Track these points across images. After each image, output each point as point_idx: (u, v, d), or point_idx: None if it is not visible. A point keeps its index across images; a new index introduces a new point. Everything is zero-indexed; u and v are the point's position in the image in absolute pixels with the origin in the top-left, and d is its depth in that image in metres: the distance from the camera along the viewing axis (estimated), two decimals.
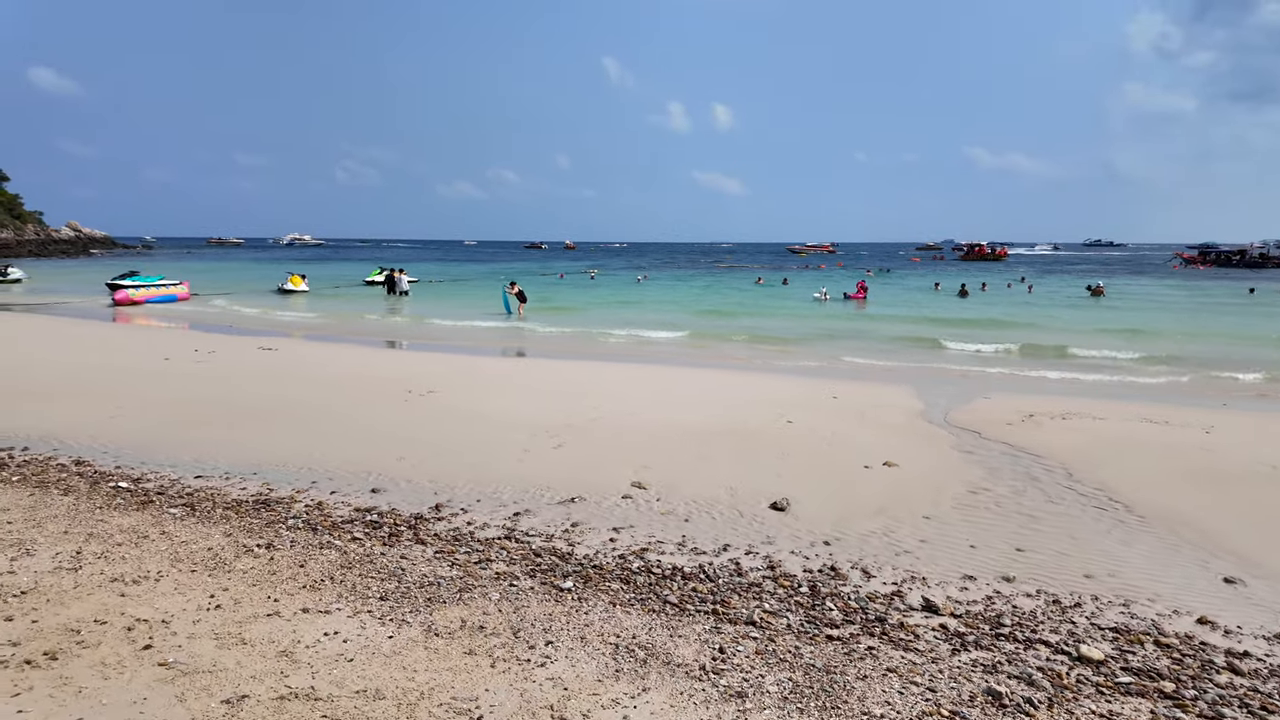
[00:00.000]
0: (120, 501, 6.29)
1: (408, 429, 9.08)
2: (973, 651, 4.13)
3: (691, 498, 6.80)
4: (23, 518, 5.70)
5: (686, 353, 18.00)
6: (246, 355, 15.11)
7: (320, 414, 9.81)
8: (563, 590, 4.71)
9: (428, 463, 7.77)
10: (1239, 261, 72.84)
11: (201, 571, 4.78)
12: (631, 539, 5.83)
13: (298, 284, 35.22)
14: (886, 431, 9.40)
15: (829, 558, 5.55)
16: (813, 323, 24.72)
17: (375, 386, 11.66)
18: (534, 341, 19.74)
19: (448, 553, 5.36)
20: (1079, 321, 24.98)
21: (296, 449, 8.18)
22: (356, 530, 5.81)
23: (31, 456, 7.77)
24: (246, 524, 5.81)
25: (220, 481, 7.12)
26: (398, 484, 7.14)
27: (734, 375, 14.09)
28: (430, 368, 13.95)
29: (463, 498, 6.77)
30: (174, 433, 8.81)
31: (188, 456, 7.94)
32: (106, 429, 8.96)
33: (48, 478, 6.96)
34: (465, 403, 10.54)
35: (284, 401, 10.50)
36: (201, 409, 9.99)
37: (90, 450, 8.11)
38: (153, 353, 15.15)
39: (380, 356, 16.28)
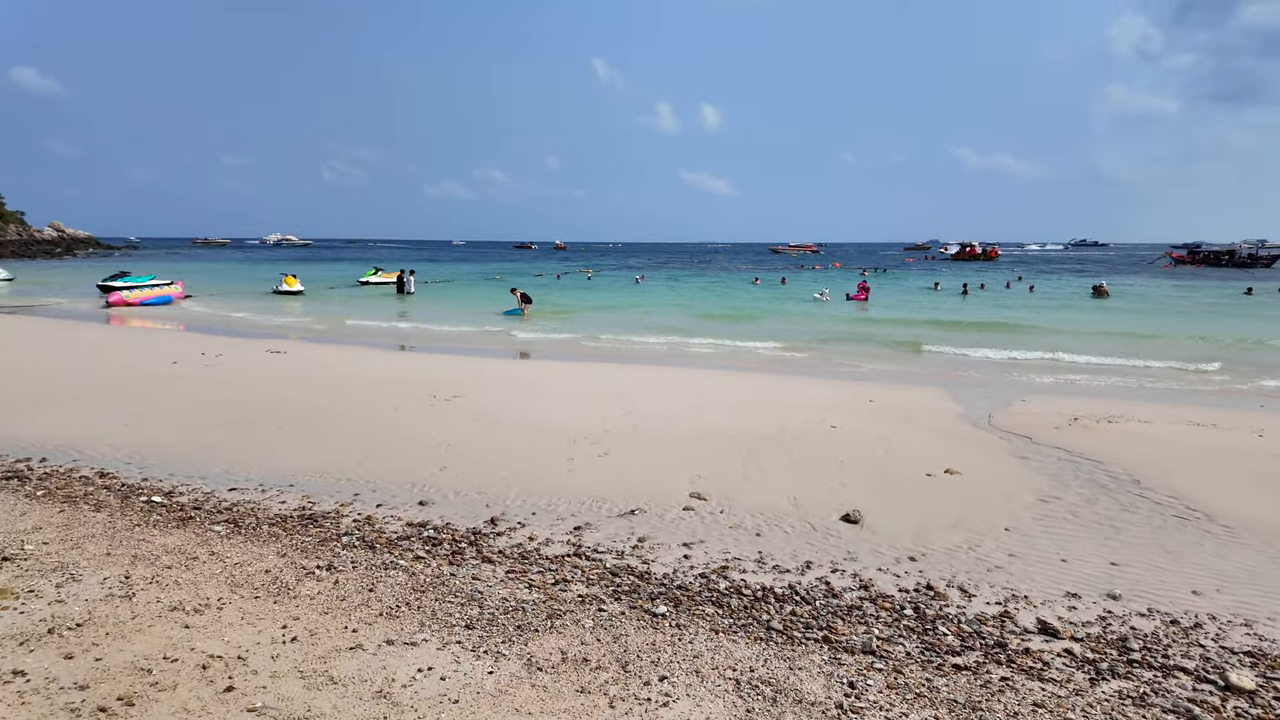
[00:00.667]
0: (158, 518, 5.91)
1: (441, 436, 8.72)
2: (1111, 681, 3.85)
3: (756, 510, 6.50)
4: (58, 537, 5.32)
5: (705, 355, 17.67)
6: (255, 358, 14.67)
7: (346, 420, 9.43)
8: (657, 616, 4.39)
9: (472, 473, 7.43)
10: (1228, 261, 73.33)
11: (265, 598, 4.43)
12: (706, 556, 5.52)
13: (293, 285, 34.66)
14: (936, 437, 9.14)
15: (920, 575, 5.26)
16: (823, 324, 24.47)
17: (396, 391, 11.28)
18: (549, 344, 19.36)
19: (520, 573, 5.02)
20: (1092, 323, 24.80)
21: (330, 458, 7.82)
22: (416, 547, 5.47)
23: (52, 468, 7.36)
24: (298, 542, 5.45)
25: (257, 494, 6.75)
26: (445, 496, 6.79)
27: (761, 378, 13.78)
28: (450, 371, 13.58)
29: (517, 510, 6.44)
30: (197, 441, 8.42)
31: (217, 467, 7.55)
32: (126, 438, 8.56)
33: (74, 491, 6.57)
34: (494, 408, 10.18)
35: (305, 407, 10.11)
36: (221, 415, 9.59)
37: (112, 461, 7.71)
38: (157, 356, 14.68)
39: (394, 359, 15.88)
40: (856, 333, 22.21)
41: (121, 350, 15.81)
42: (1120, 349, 18.58)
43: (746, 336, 20.64)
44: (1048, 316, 27.46)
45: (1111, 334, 21.87)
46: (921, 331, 22.26)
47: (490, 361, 15.55)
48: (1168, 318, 27.43)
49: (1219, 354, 17.94)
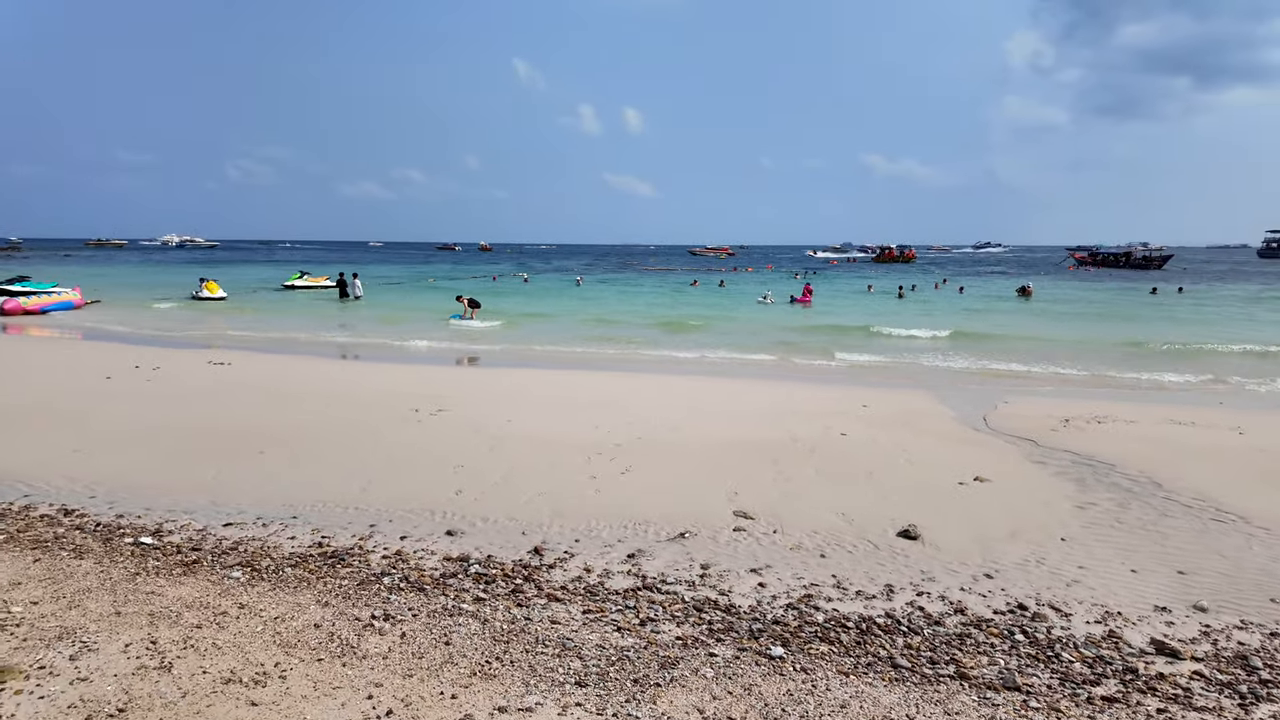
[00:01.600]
0: (156, 564, 5.17)
1: (443, 455, 8.12)
2: (1261, 705, 3.71)
3: (809, 528, 6.22)
4: (47, 595, 4.55)
5: (679, 361, 17.31)
6: (198, 370, 13.53)
7: (331, 440, 8.69)
8: (774, 659, 4.03)
9: (493, 496, 6.89)
10: (1125, 263, 78.13)
11: (329, 660, 3.85)
12: (781, 583, 5.19)
13: (215, 291, 32.54)
14: (944, 442, 9.10)
15: (1005, 594, 5.07)
16: (779, 328, 24.47)
17: (372, 405, 10.53)
18: (512, 352, 18.65)
19: (597, 612, 4.58)
20: (1034, 325, 25.67)
21: (329, 484, 7.14)
22: (469, 586, 4.94)
23: (5, 506, 6.43)
24: (334, 587, 4.84)
25: (259, 529, 6.05)
26: (473, 523, 6.25)
27: (746, 384, 13.57)
28: (419, 382, 12.83)
29: (557, 537, 5.97)
30: (169, 468, 7.58)
31: (201, 498, 6.77)
32: (81, 465, 7.62)
33: (40, 534, 5.73)
34: (487, 422, 9.60)
35: (279, 426, 9.29)
36: (186, 437, 8.70)
37: (72, 495, 6.83)
38: (85, 370, 13.36)
39: (354, 370, 14.93)
40: (816, 336, 22.33)
41: (41, 364, 14.33)
42: (1070, 348, 19.28)
43: (711, 342, 20.47)
44: (991, 318, 28.31)
45: (1060, 341, 22.55)
46: (884, 335, 22.58)
47: (460, 371, 14.84)
48: (1094, 317, 28.77)
49: (1159, 359, 18.83)
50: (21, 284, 32.45)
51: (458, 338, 21.28)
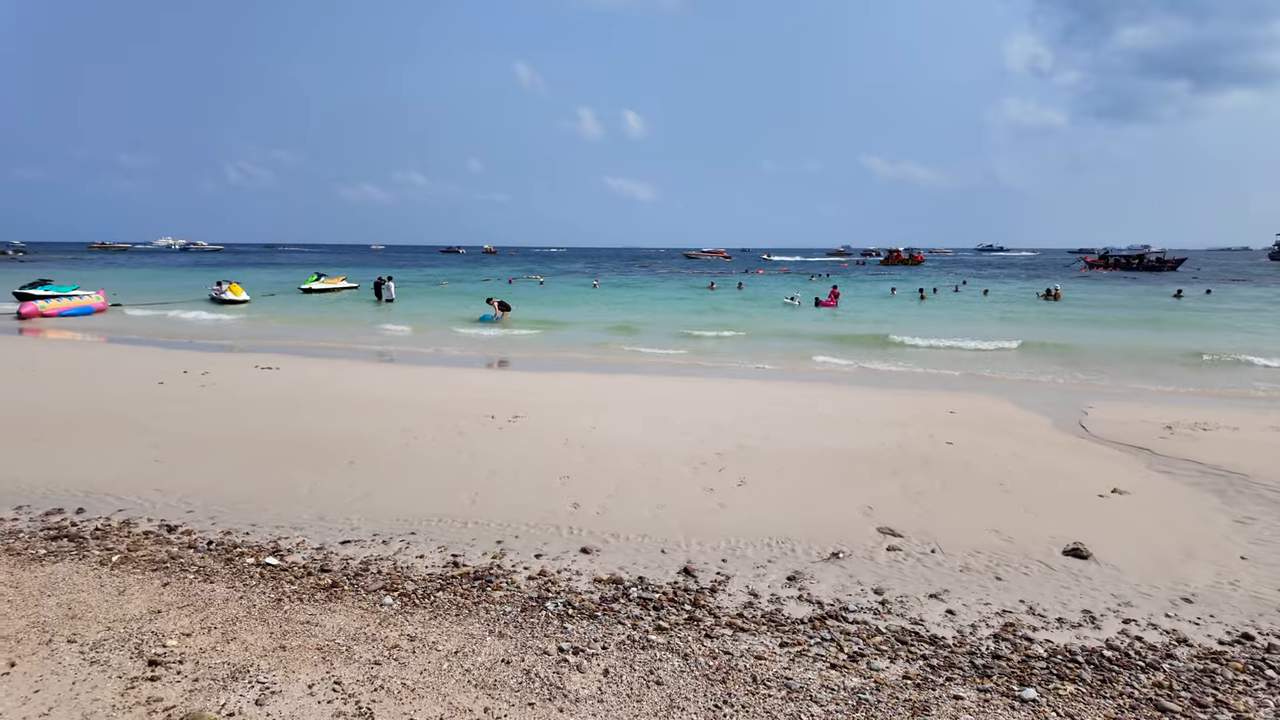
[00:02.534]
0: (293, 588, 4.78)
1: (541, 465, 7.74)
2: None
3: (968, 547, 5.82)
4: (196, 625, 4.15)
5: (734, 365, 16.91)
6: (250, 376, 13.13)
7: (416, 449, 8.33)
8: (1028, 702, 3.63)
9: (613, 510, 6.50)
10: (1138, 265, 77.66)
11: (541, 704, 3.46)
12: (970, 610, 4.79)
13: (238, 293, 32.14)
14: (1057, 450, 8.71)
15: (1217, 622, 4.68)
16: (822, 330, 23.99)
17: (442, 411, 10.14)
18: (565, 356, 18.23)
19: (795, 645, 4.19)
20: (1083, 332, 25.22)
21: (435, 497, 6.76)
22: (639, 614, 4.55)
23: (101, 522, 6.05)
24: (499, 614, 4.45)
25: (380, 547, 5.65)
26: (605, 540, 5.85)
27: (814, 389, 13.15)
28: (484, 388, 12.44)
29: (701, 556, 5.57)
30: (257, 479, 7.20)
31: (305, 512, 6.38)
32: (167, 477, 7.24)
33: (154, 554, 5.33)
34: (570, 429, 9.22)
35: (353, 433, 8.92)
36: (262, 446, 8.33)
37: (168, 509, 6.44)
38: (133, 376, 12.97)
39: (411, 375, 14.49)
40: (863, 341, 21.84)
41: (86, 369, 13.93)
42: (1137, 352, 18.89)
43: (758, 347, 20.04)
44: (1029, 323, 27.94)
45: (1116, 347, 22.15)
46: (940, 346, 22.20)
47: (519, 376, 14.41)
48: (1131, 320, 28.38)
49: (1224, 365, 18.44)
50: (44, 288, 32.12)
51: (503, 343, 20.84)
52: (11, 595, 4.50)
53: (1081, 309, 33.56)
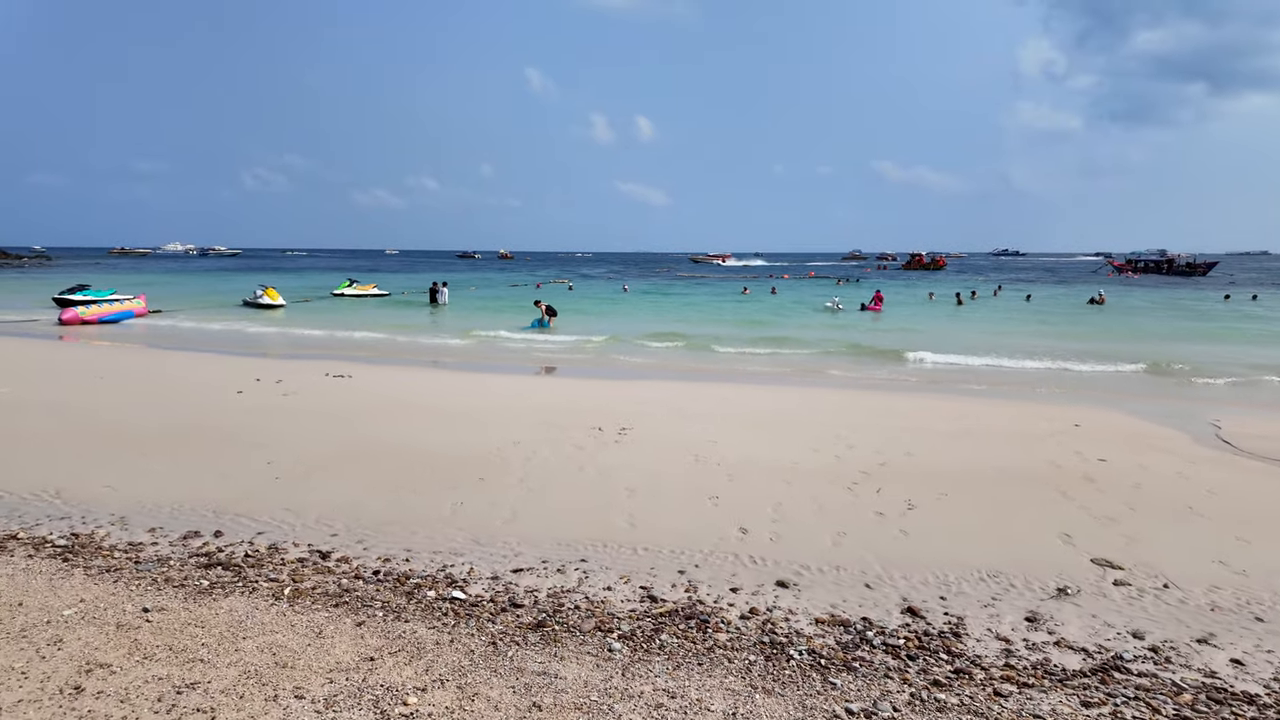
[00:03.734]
0: (498, 628, 4.35)
1: (682, 484, 7.33)
2: None
3: (1205, 582, 5.32)
4: (424, 677, 3.71)
5: (818, 373, 16.39)
6: (327, 385, 12.74)
7: (534, 463, 7.94)
8: None
9: (787, 537, 6.04)
10: (1167, 269, 76.52)
11: None
12: (1256, 659, 4.29)
13: (275, 298, 31.87)
14: (1222, 468, 8.19)
15: None
16: (885, 338, 23.36)
17: (546, 422, 9.71)
18: (634, 364, 17.78)
19: (1103, 706, 3.69)
20: (1143, 334, 24.62)
21: (583, 517, 6.39)
22: (892, 664, 4.08)
23: (249, 547, 5.63)
24: (745, 665, 3.99)
25: (558, 577, 5.21)
26: (798, 573, 5.39)
27: (930, 399, 12.52)
28: (576, 396, 11.98)
29: (915, 593, 5.10)
30: (390, 498, 6.83)
31: (458, 536, 5.99)
32: (294, 496, 6.83)
33: (324, 586, 4.92)
34: (690, 443, 8.79)
35: (469, 448, 8.54)
36: (378, 461, 7.95)
37: (309, 531, 6.03)
38: (209, 384, 12.61)
39: (495, 384, 14.01)
40: (928, 345, 21.21)
41: (159, 377, 13.57)
42: (1209, 355, 18.27)
43: (828, 350, 19.52)
44: (1088, 327, 27.27)
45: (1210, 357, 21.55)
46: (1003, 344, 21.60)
47: (606, 385, 13.86)
48: (1186, 324, 27.66)
49: None
50: (83, 292, 31.98)
51: (568, 350, 20.37)
52: (204, 637, 4.07)
53: (1129, 315, 32.73)
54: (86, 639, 4.00)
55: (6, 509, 6.44)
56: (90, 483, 7.13)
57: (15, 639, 3.98)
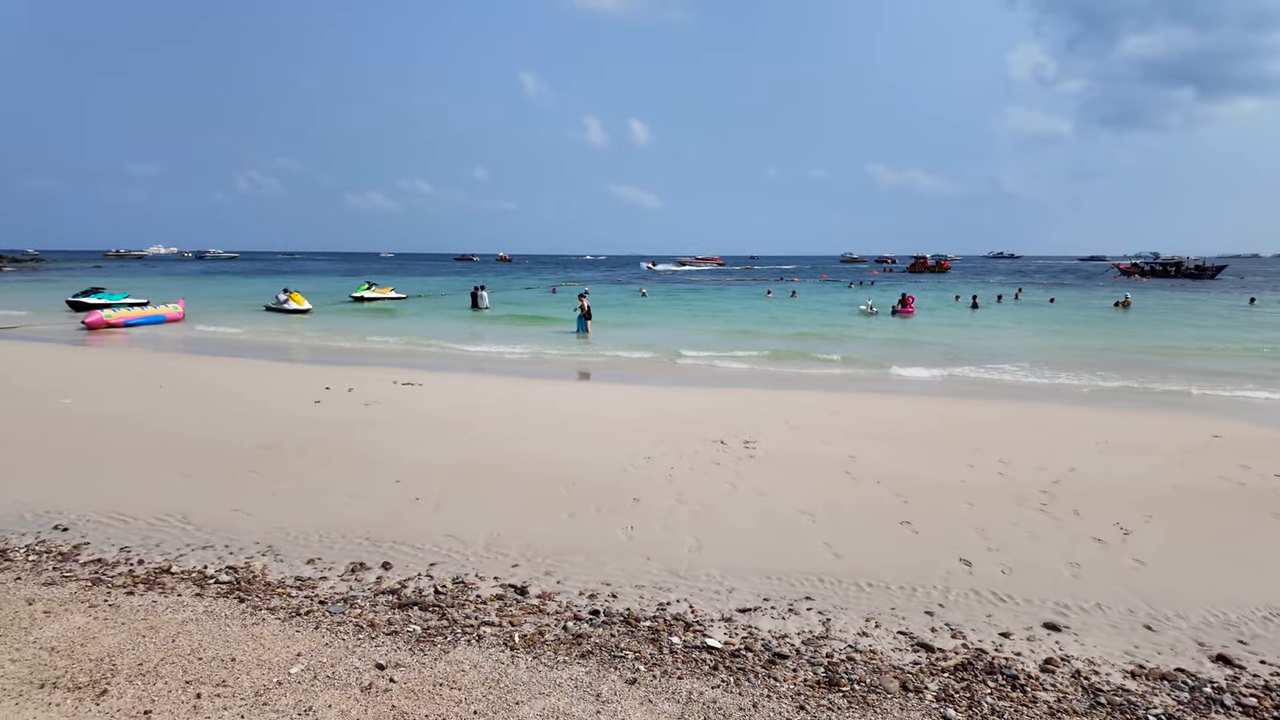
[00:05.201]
0: (790, 687, 3.76)
1: (846, 505, 6.79)
2: None
3: None
4: None
5: (914, 381, 15.82)
6: (401, 394, 12.13)
7: (679, 482, 7.40)
8: None
9: (1018, 570, 5.48)
10: (1175, 273, 76.35)
11: None
12: None
13: (300, 302, 31.15)
14: None
15: None
16: (950, 342, 22.78)
17: (665, 434, 9.15)
18: (697, 369, 17.23)
19: None
20: (1187, 338, 24.26)
21: (778, 548, 5.85)
22: None
23: (431, 582, 5.08)
24: None
25: (795, 619, 4.67)
26: (1062, 614, 4.85)
27: (1054, 409, 11.98)
28: (675, 406, 11.39)
29: (1210, 636, 4.57)
30: (551, 520, 6.32)
31: (652, 567, 5.44)
32: (443, 519, 6.32)
33: (545, 630, 4.33)
34: (836, 460, 8.27)
35: (599, 462, 8.01)
36: (516, 478, 7.42)
37: (483, 560, 5.53)
38: (279, 393, 12.00)
39: (577, 392, 13.47)
40: (1004, 350, 20.66)
41: (223, 386, 12.92)
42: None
43: (898, 356, 18.96)
44: (1133, 331, 26.87)
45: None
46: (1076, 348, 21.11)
47: (699, 394, 13.27)
48: (1220, 330, 27.30)
49: None
50: (96, 295, 31.25)
51: (629, 354, 19.80)
52: (472, 702, 3.50)
53: (1170, 321, 32.33)
54: (342, 708, 3.41)
55: (140, 536, 5.84)
56: (216, 506, 6.54)
57: (255, 707, 3.39)
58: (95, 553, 5.51)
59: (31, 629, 4.10)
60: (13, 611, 4.32)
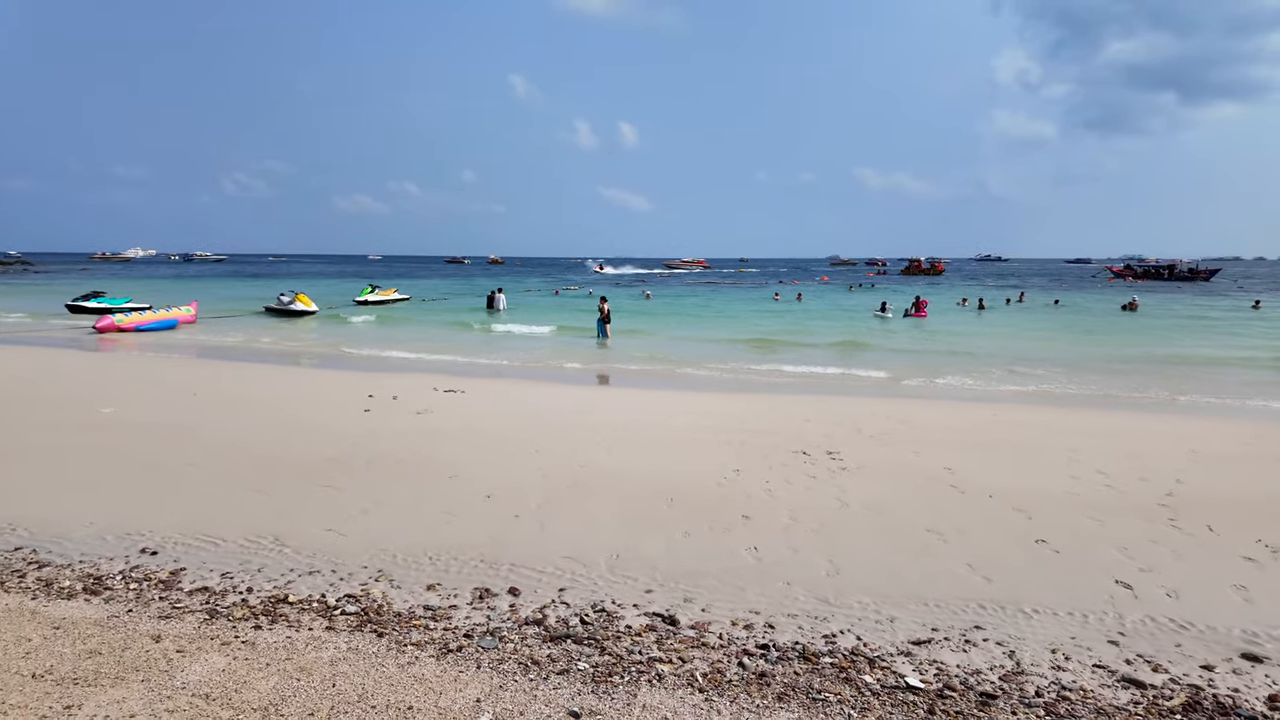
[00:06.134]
0: None
1: (975, 524, 6.48)
2: None
3: None
4: None
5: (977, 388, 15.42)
6: (448, 401, 11.74)
7: (781, 497, 7.08)
8: None
9: (1186, 594, 5.21)
10: (1168, 275, 76.77)
11: None
12: None
13: (307, 304, 30.58)
14: None
15: None
16: (983, 345, 22.55)
17: (741, 444, 8.85)
18: (732, 376, 16.91)
19: None
20: (1211, 342, 24.17)
21: (921, 573, 5.53)
22: None
23: (570, 609, 4.71)
24: None
25: (974, 652, 4.37)
26: (1254, 644, 4.56)
27: (1140, 419, 11.60)
28: (740, 412, 11.04)
29: None
30: (665, 541, 5.96)
31: (800, 594, 5.08)
32: (556, 539, 5.95)
33: (717, 666, 4.04)
34: (926, 469, 7.99)
35: (688, 475, 7.65)
36: (602, 492, 7.03)
37: (615, 585, 5.20)
38: (321, 400, 11.60)
39: (627, 399, 13.12)
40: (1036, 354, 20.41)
41: (258, 394, 12.47)
42: None
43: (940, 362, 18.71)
44: (1154, 336, 26.78)
45: None
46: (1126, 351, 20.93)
47: (759, 399, 12.93)
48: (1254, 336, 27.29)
49: None
50: (96, 300, 30.62)
51: (660, 358, 19.47)
52: None
53: (1180, 324, 32.34)
54: None
55: (237, 561, 5.45)
56: (306, 526, 6.16)
57: None
58: (196, 579, 5.12)
59: (173, 672, 3.72)
60: (143, 650, 3.94)
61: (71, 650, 3.93)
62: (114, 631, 4.20)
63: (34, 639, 4.05)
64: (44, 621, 4.29)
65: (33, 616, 4.36)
